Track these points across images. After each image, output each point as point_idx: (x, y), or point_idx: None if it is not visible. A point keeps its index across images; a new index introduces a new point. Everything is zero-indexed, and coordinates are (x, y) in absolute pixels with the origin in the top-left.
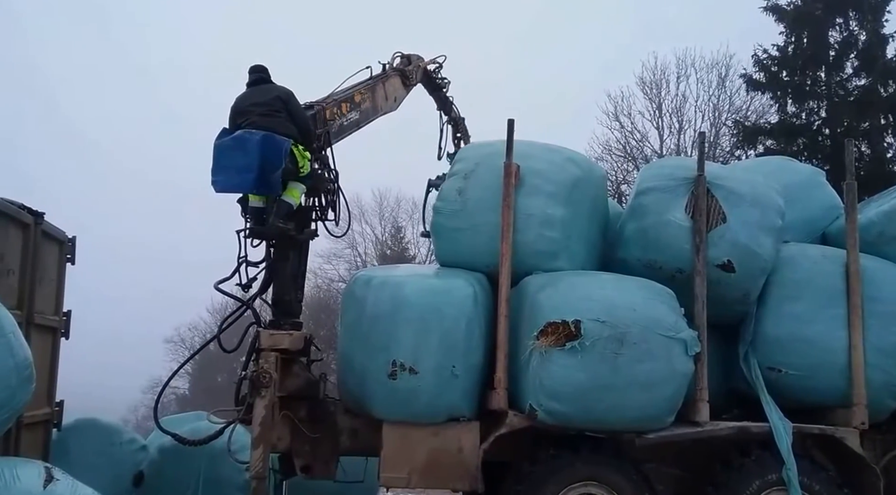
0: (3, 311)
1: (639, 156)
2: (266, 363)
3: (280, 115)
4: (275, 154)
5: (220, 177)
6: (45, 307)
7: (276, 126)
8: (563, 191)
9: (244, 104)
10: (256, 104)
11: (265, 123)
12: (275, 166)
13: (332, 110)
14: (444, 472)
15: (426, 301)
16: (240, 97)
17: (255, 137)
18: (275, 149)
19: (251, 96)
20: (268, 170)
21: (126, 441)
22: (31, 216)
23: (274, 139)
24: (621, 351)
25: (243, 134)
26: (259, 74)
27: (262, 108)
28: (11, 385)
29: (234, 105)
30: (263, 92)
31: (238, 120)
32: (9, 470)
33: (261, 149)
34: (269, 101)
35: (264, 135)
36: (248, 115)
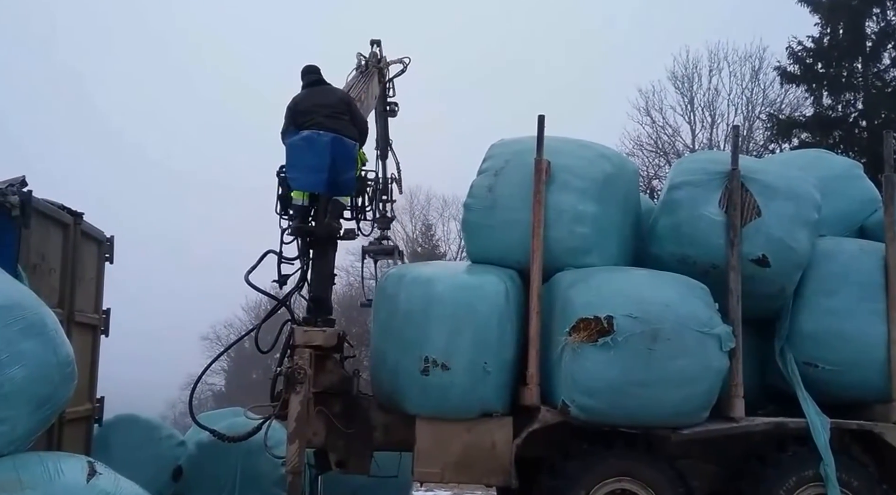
0: (46, 310)
1: (670, 151)
2: (300, 359)
3: (344, 117)
4: (344, 156)
5: (295, 174)
6: (85, 305)
7: (342, 128)
8: (595, 187)
9: (307, 104)
10: (320, 105)
11: (331, 125)
12: (345, 168)
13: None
14: (478, 467)
15: (458, 297)
16: (300, 97)
17: (324, 139)
18: (344, 151)
19: (313, 97)
20: (338, 171)
21: (165, 436)
22: (71, 216)
23: (343, 142)
24: (654, 346)
25: (312, 134)
26: (317, 75)
27: (327, 110)
28: (54, 381)
29: (293, 104)
30: (326, 93)
31: (300, 119)
32: (53, 464)
33: (331, 150)
34: (333, 103)
35: (334, 137)
36: (311, 115)
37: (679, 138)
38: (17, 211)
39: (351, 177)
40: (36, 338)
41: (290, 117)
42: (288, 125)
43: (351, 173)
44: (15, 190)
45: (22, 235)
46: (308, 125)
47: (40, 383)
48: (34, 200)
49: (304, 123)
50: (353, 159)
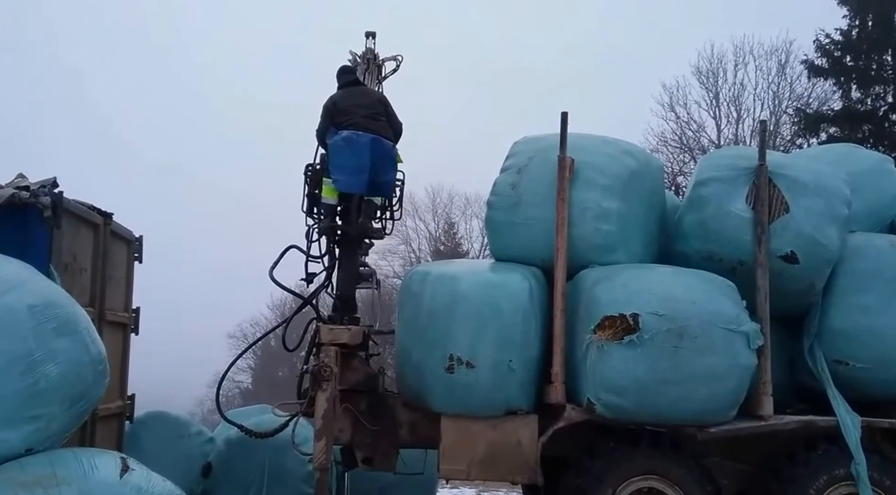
0: (78, 308)
1: (695, 147)
2: (327, 357)
3: (381, 119)
4: (383, 157)
5: (339, 176)
6: (115, 304)
7: (379, 130)
8: (619, 183)
9: (345, 104)
10: (359, 106)
11: (369, 126)
12: (384, 169)
13: None
14: (504, 465)
15: (482, 295)
16: (338, 96)
17: (363, 139)
18: (383, 152)
19: (351, 97)
20: (377, 172)
21: (194, 433)
22: (101, 217)
23: (382, 143)
24: (681, 344)
25: (351, 135)
26: (353, 75)
27: (365, 110)
28: (87, 379)
29: (331, 104)
30: (364, 94)
31: (338, 119)
32: (87, 460)
33: (371, 151)
34: (371, 104)
35: (373, 138)
36: (350, 115)
37: (704, 134)
38: (48, 211)
39: (390, 178)
40: (69, 337)
41: (328, 116)
42: (326, 124)
43: (390, 175)
44: (46, 191)
45: (54, 235)
46: (346, 125)
47: (74, 380)
48: (65, 201)
49: (343, 123)
50: (392, 160)
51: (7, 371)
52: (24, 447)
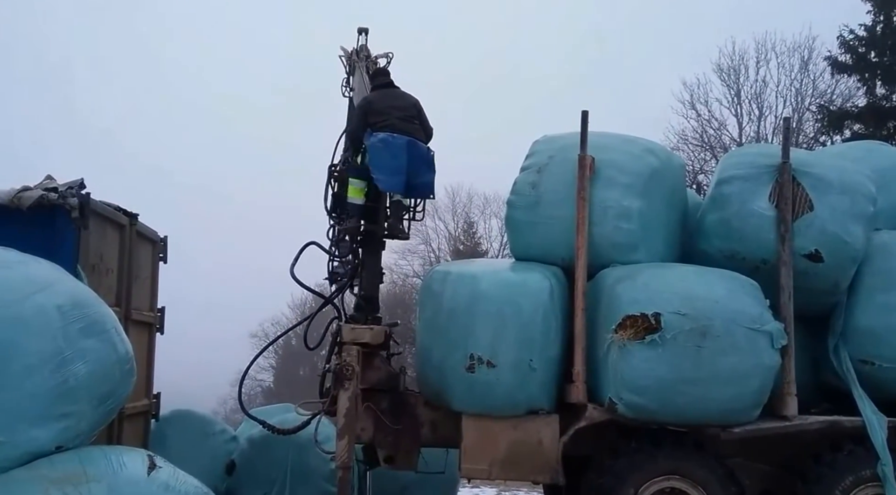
0: (106, 308)
1: (717, 145)
2: (348, 356)
3: (415, 122)
4: (419, 159)
5: (380, 175)
6: (141, 303)
7: (414, 132)
8: (640, 182)
9: (381, 105)
10: (394, 107)
11: (405, 128)
12: (420, 171)
13: None
14: (525, 464)
15: (503, 294)
16: (374, 97)
17: (399, 141)
18: (418, 154)
19: (387, 98)
20: (413, 173)
21: (218, 431)
22: (127, 217)
23: (417, 145)
24: (704, 344)
25: (387, 137)
26: (389, 78)
27: (400, 112)
28: (115, 378)
29: (367, 103)
30: (399, 96)
31: (373, 119)
32: (115, 458)
33: (407, 153)
34: (406, 106)
35: (409, 140)
36: (385, 116)
37: (725, 131)
38: (76, 212)
39: (426, 180)
40: (97, 336)
41: (363, 116)
42: (360, 123)
43: (426, 176)
44: (74, 192)
45: (81, 236)
46: (381, 126)
47: (102, 379)
48: (92, 202)
49: (377, 123)
50: (428, 162)
51: (38, 369)
52: (55, 444)
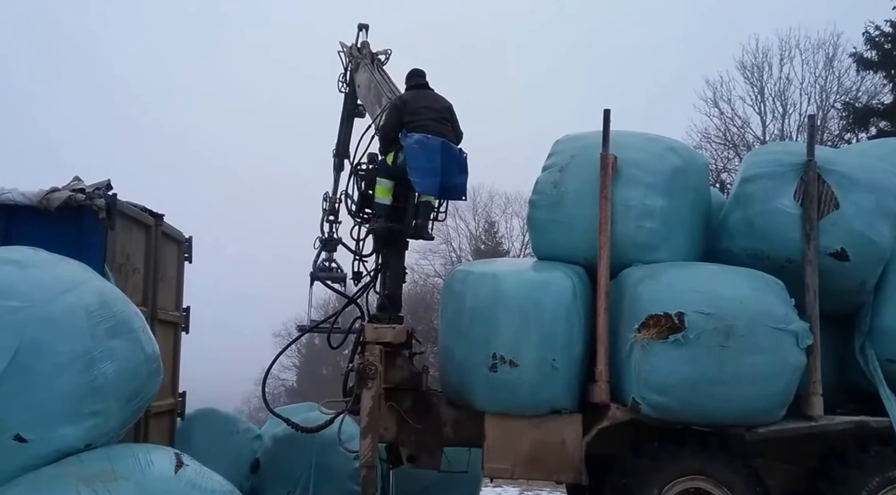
0: (133, 308)
1: (740, 143)
2: (371, 356)
3: (448, 125)
4: (453, 161)
5: (416, 177)
6: (166, 303)
7: (447, 134)
8: (663, 181)
9: (415, 105)
10: (428, 109)
11: (439, 129)
12: (453, 173)
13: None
14: (548, 464)
15: (525, 294)
16: (409, 96)
17: (433, 143)
18: (451, 156)
19: (420, 99)
20: (448, 175)
21: (242, 430)
22: (153, 218)
23: (450, 147)
24: (728, 343)
25: (422, 138)
26: (424, 79)
27: (434, 114)
28: (142, 376)
29: (401, 103)
30: (434, 98)
31: (407, 118)
32: (143, 456)
33: (441, 155)
34: (440, 108)
35: (443, 141)
36: (419, 116)
37: (749, 129)
38: (103, 213)
39: (459, 182)
40: (125, 336)
41: (397, 114)
42: (394, 122)
43: (459, 178)
44: (101, 193)
45: (108, 237)
46: (414, 127)
47: (130, 378)
48: (119, 203)
49: (411, 123)
50: (461, 164)
51: (67, 368)
52: (84, 442)
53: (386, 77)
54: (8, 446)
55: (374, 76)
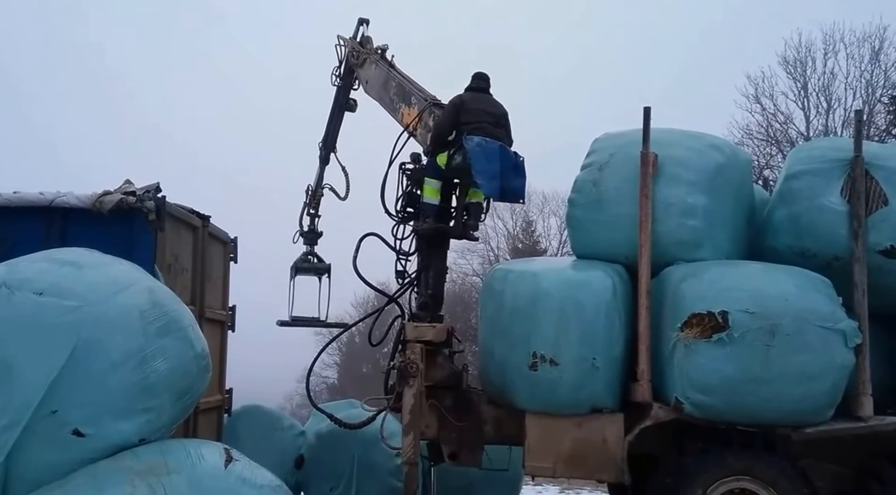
0: (183, 307)
1: (783, 139)
2: (412, 354)
3: (502, 130)
4: (510, 165)
5: (482, 181)
6: (213, 302)
7: (502, 138)
8: (705, 178)
9: (474, 106)
10: (486, 113)
11: (495, 133)
12: (511, 176)
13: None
14: (590, 463)
15: (565, 293)
16: (468, 97)
17: (493, 146)
18: (509, 160)
19: (479, 102)
20: (506, 178)
21: (287, 426)
22: (199, 219)
23: (507, 150)
24: (773, 342)
25: (482, 140)
26: (486, 83)
27: (491, 118)
28: (192, 374)
29: (460, 102)
30: (493, 103)
31: (465, 118)
32: (195, 451)
33: (500, 158)
34: (498, 114)
35: (501, 145)
36: (477, 118)
37: (792, 125)
38: (152, 215)
39: (517, 185)
40: (175, 334)
41: (455, 112)
42: (451, 120)
43: (518, 181)
44: (151, 196)
45: (157, 238)
46: (473, 129)
47: (181, 375)
48: (167, 205)
49: (468, 123)
50: (518, 168)
51: (121, 366)
52: (138, 437)
53: (406, 75)
54: (67, 440)
55: (392, 73)
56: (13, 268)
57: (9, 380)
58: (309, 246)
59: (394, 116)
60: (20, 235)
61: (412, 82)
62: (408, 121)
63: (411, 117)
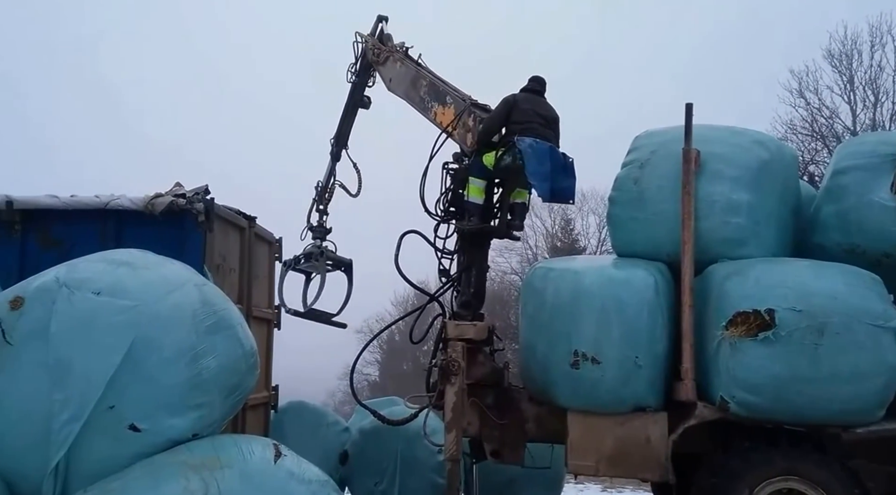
0: (232, 306)
1: (828, 134)
2: (454, 352)
3: (552, 132)
4: (559, 166)
5: (533, 181)
6: (260, 301)
7: (551, 140)
8: (749, 174)
9: (526, 107)
10: (539, 115)
11: (545, 134)
12: (561, 177)
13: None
14: (633, 462)
15: (606, 291)
16: (521, 97)
17: (543, 147)
18: (558, 161)
19: (533, 102)
20: (556, 179)
21: (331, 422)
22: (246, 220)
23: (557, 152)
24: (821, 341)
25: (533, 142)
26: (541, 86)
27: (542, 120)
28: (241, 371)
29: (513, 100)
30: (546, 106)
31: (516, 116)
32: (245, 446)
33: (550, 159)
34: (549, 117)
35: (551, 146)
36: (527, 117)
37: (838, 120)
38: (202, 216)
39: (568, 185)
40: (225, 332)
41: (506, 112)
42: (501, 118)
43: (568, 182)
44: (200, 198)
45: (206, 239)
46: (522, 129)
47: (230, 372)
48: (216, 207)
49: (519, 123)
50: (568, 168)
51: (174, 363)
52: (191, 432)
53: (436, 74)
54: (124, 435)
55: (421, 72)
56: (73, 269)
57: (70, 377)
58: (319, 240)
59: (424, 115)
60: (77, 237)
61: (445, 82)
62: (442, 120)
63: (446, 117)
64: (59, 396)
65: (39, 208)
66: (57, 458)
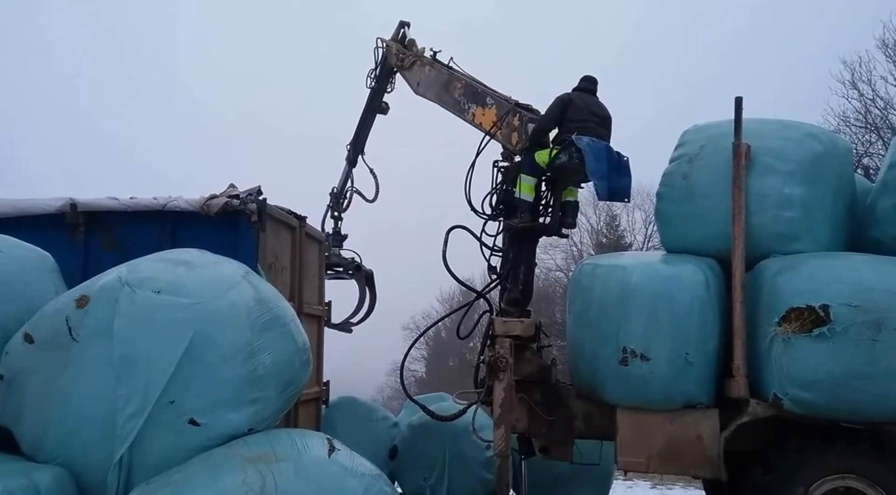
0: (285, 303)
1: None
2: (502, 348)
3: (606, 131)
4: (612, 163)
5: (594, 180)
6: (310, 298)
7: (605, 139)
8: (802, 168)
9: (581, 104)
10: (594, 114)
11: (601, 134)
12: (616, 176)
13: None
14: (684, 459)
15: (655, 288)
16: (575, 96)
17: (600, 146)
18: (613, 159)
19: (588, 102)
20: (612, 178)
21: (381, 418)
22: (297, 220)
23: (612, 151)
24: (879, 337)
25: (591, 141)
26: (594, 85)
27: (597, 119)
28: (295, 367)
29: (568, 99)
30: (598, 105)
31: (571, 114)
32: (300, 440)
33: (607, 158)
34: (603, 116)
35: (607, 145)
36: (583, 116)
37: (893, 111)
38: (255, 216)
39: (624, 184)
40: (279, 329)
41: (561, 110)
42: (555, 116)
43: (624, 181)
44: (253, 198)
45: (259, 238)
46: (576, 128)
47: (285, 368)
48: (268, 207)
49: (575, 121)
50: (623, 167)
51: (231, 359)
52: (248, 426)
53: (471, 76)
54: (184, 429)
55: (454, 75)
56: (134, 269)
57: (133, 373)
58: (337, 247)
59: (460, 116)
60: (137, 237)
61: (483, 83)
62: (482, 121)
63: (487, 118)
64: (123, 391)
65: (102, 210)
66: (121, 452)
